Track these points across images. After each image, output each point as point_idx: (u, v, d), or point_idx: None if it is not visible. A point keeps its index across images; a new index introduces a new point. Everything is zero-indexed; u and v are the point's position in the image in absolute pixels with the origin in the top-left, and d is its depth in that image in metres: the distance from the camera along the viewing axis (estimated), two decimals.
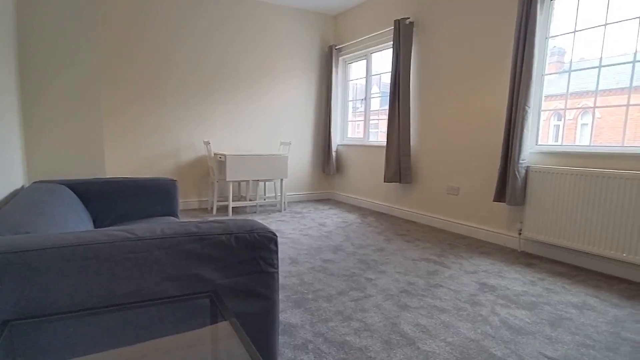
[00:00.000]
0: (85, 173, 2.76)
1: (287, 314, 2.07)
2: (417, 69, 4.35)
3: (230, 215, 4.60)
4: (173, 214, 2.55)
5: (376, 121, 5.32)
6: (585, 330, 1.95)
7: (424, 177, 4.34)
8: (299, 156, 5.76)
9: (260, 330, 1.29)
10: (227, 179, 4.49)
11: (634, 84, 2.71)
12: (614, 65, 2.80)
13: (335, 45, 5.55)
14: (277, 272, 1.31)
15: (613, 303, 2.29)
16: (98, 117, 2.82)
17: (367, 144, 5.28)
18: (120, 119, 4.48)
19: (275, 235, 1.30)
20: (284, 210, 5.04)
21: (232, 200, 4.90)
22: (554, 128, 3.26)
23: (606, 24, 2.83)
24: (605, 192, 2.69)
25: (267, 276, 1.28)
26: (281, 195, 5.00)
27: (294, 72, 5.53)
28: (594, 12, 2.89)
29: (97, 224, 2.19)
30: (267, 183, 5.47)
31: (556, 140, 3.21)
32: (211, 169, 4.81)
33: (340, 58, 5.66)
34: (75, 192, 2.11)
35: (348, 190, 5.68)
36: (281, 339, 1.81)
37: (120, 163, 4.52)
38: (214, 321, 1.14)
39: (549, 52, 3.17)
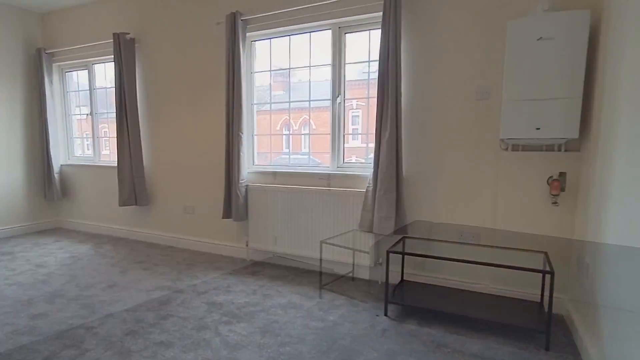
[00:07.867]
0: None
1: None
2: (144, 87, 4.19)
3: None
4: None
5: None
6: (286, 329, 2.35)
7: (161, 197, 4.26)
8: (5, 182, 4.64)
9: None
10: None
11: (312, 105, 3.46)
12: (295, 101, 3.48)
13: (46, 49, 4.72)
14: None
15: (309, 296, 2.86)
16: None
17: (99, 163, 4.76)
18: None
19: None
20: None
21: None
22: (285, 137, 3.76)
23: (290, 68, 3.52)
24: (300, 203, 3.30)
25: None
26: None
27: None
28: (284, 55, 3.53)
29: None
30: None
31: (287, 148, 3.70)
32: None
33: (54, 65, 4.86)
34: None
35: (80, 216, 4.98)
36: None
37: None
38: None
39: (275, 74, 3.64)
